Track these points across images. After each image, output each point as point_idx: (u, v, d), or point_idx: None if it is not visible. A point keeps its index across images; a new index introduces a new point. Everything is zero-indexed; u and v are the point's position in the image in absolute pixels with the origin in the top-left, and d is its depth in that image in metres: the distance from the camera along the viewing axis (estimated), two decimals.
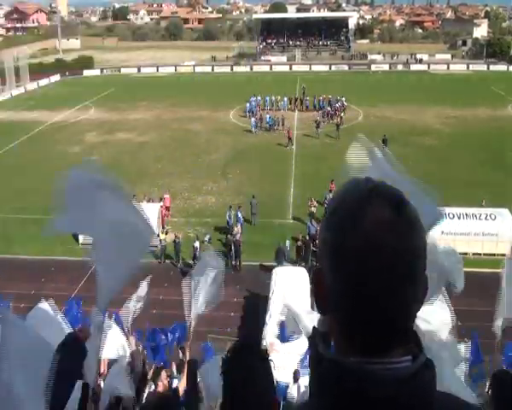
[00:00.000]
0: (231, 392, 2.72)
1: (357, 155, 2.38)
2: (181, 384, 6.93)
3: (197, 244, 25.38)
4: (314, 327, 1.36)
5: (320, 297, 1.30)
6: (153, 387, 9.06)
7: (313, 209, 29.48)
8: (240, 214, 29.04)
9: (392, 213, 1.20)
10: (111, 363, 9.68)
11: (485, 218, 26.68)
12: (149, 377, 9.83)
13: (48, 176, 31.67)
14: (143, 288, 9.62)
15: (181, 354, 12.44)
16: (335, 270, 1.22)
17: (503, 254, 26.24)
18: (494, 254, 26.05)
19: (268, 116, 51.14)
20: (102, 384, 8.32)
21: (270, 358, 2.89)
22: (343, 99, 56.09)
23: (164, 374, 9.35)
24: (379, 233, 1.18)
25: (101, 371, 9.78)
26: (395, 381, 1.19)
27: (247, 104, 56.15)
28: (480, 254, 25.98)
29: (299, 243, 25.66)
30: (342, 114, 50.76)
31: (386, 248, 1.17)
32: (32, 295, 20.96)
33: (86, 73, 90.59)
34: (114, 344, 8.69)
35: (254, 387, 2.65)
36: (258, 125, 50.13)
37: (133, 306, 9.54)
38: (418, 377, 1.21)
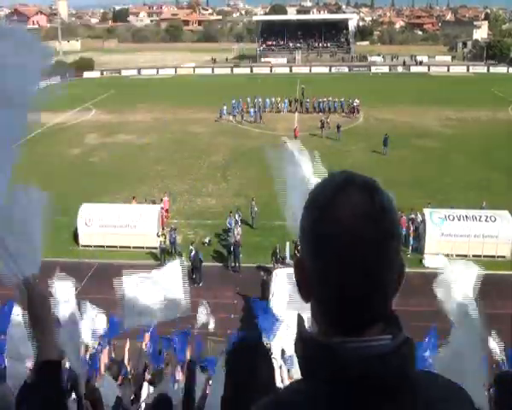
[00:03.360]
0: (234, 388, 2.73)
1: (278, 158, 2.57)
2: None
3: (193, 252, 25.09)
4: (298, 314, 1.42)
5: (302, 284, 1.37)
6: (151, 389, 9.04)
7: None
8: (238, 217, 29.06)
9: (366, 200, 1.26)
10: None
11: (486, 220, 26.67)
12: (149, 379, 9.81)
13: (48, 177, 31.69)
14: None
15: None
16: (315, 256, 1.29)
17: (504, 256, 26.30)
18: (494, 256, 26.07)
19: (252, 110, 54.92)
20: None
21: (271, 355, 2.91)
22: (357, 101, 56.88)
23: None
24: (353, 219, 1.24)
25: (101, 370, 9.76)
26: (375, 358, 1.26)
27: (224, 106, 56.10)
28: (480, 256, 25.95)
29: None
30: (328, 118, 50.87)
31: (361, 232, 1.24)
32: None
33: (86, 74, 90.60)
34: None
35: (257, 384, 2.66)
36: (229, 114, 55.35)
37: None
38: (397, 354, 1.28)
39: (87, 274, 24.04)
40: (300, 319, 1.40)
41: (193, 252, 24.85)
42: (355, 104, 56.69)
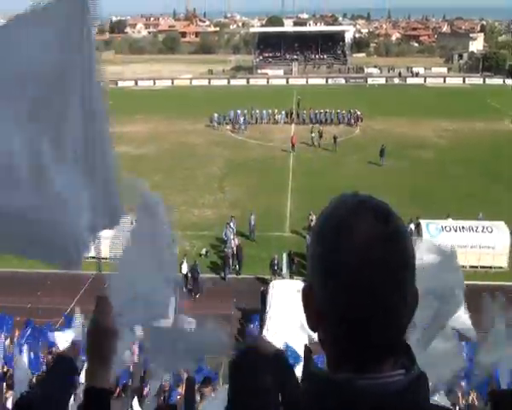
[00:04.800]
0: (238, 394, 2.70)
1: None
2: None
3: (184, 267, 25.01)
4: (305, 345, 1.35)
5: (311, 313, 1.29)
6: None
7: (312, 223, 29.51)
8: (232, 224, 29.08)
9: (380, 226, 1.19)
10: None
11: (482, 230, 26.72)
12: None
13: None
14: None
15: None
16: (325, 284, 1.22)
17: (500, 267, 26.32)
18: (491, 267, 26.10)
19: (242, 118, 56.13)
20: None
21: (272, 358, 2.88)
22: (358, 112, 57.49)
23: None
24: (368, 247, 1.17)
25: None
26: (387, 395, 1.18)
27: (215, 114, 57.36)
28: (476, 267, 25.98)
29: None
30: (321, 128, 51.26)
31: (376, 261, 1.17)
32: (29, 309, 20.91)
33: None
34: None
35: (261, 388, 2.63)
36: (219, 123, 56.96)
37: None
38: (411, 391, 1.20)
39: (83, 286, 23.95)
40: (307, 352, 1.34)
41: (184, 263, 24.82)
42: (358, 113, 57.29)
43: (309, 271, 1.29)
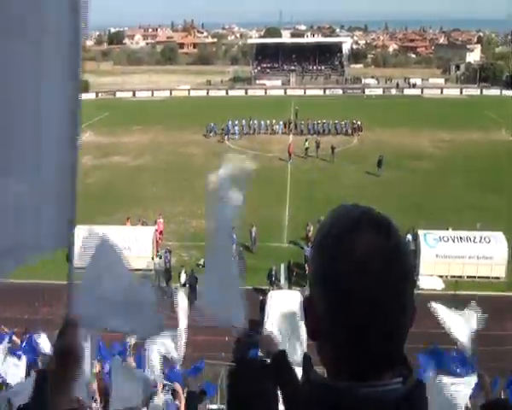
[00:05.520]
0: (238, 404, 2.70)
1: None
2: None
3: (183, 277, 25.08)
4: (305, 353, 1.36)
5: (311, 324, 1.31)
6: None
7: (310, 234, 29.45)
8: (234, 235, 28.96)
9: (381, 239, 1.21)
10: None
11: (480, 241, 26.73)
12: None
13: None
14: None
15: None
16: (326, 297, 1.24)
17: (498, 278, 26.31)
18: (489, 277, 26.09)
19: (236, 128, 57.41)
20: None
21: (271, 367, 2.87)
22: (358, 122, 57.87)
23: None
24: (369, 259, 1.19)
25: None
26: (388, 403, 1.20)
27: (211, 125, 57.99)
28: (474, 278, 25.99)
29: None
30: (319, 138, 51.30)
31: (376, 273, 1.19)
32: (26, 320, 20.82)
33: (81, 96, 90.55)
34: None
35: (261, 396, 2.63)
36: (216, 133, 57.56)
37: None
38: (409, 399, 1.22)
39: None
40: (307, 361, 1.35)
41: (182, 273, 24.87)
42: (359, 123, 57.67)
43: (310, 280, 1.31)
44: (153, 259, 26.87)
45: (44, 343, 13.57)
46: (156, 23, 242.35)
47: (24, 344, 14.36)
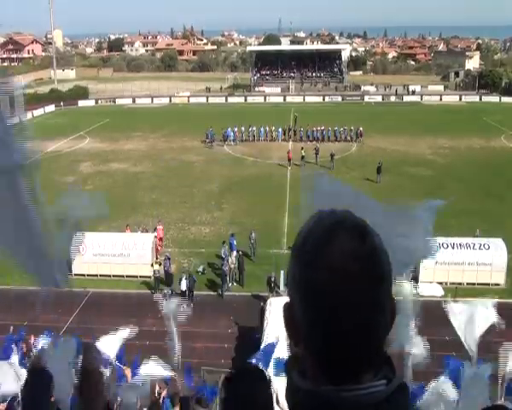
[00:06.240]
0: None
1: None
2: None
3: (183, 283, 25.08)
4: (289, 356, 1.38)
5: (291, 330, 1.32)
6: None
7: None
8: (234, 242, 29.04)
9: (356, 243, 1.22)
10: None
11: (479, 247, 26.71)
12: None
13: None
14: (125, 332, 9.56)
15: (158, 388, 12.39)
16: (304, 303, 1.25)
17: (498, 284, 26.27)
18: (488, 284, 26.05)
19: (232, 134, 57.46)
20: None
21: (269, 379, 2.86)
22: (360, 128, 57.98)
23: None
24: (344, 264, 1.20)
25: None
26: (369, 406, 1.21)
27: (209, 132, 57.73)
28: (474, 284, 25.95)
29: None
30: (318, 145, 51.41)
31: (352, 278, 1.20)
32: (25, 327, 20.76)
33: (81, 103, 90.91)
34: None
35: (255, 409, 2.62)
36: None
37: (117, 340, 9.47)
38: (392, 401, 1.23)
39: (80, 303, 23.89)
40: (290, 366, 1.35)
41: (183, 280, 24.89)
42: (361, 129, 57.78)
43: (288, 287, 1.32)
44: (152, 266, 26.82)
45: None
46: (156, 30, 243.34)
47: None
